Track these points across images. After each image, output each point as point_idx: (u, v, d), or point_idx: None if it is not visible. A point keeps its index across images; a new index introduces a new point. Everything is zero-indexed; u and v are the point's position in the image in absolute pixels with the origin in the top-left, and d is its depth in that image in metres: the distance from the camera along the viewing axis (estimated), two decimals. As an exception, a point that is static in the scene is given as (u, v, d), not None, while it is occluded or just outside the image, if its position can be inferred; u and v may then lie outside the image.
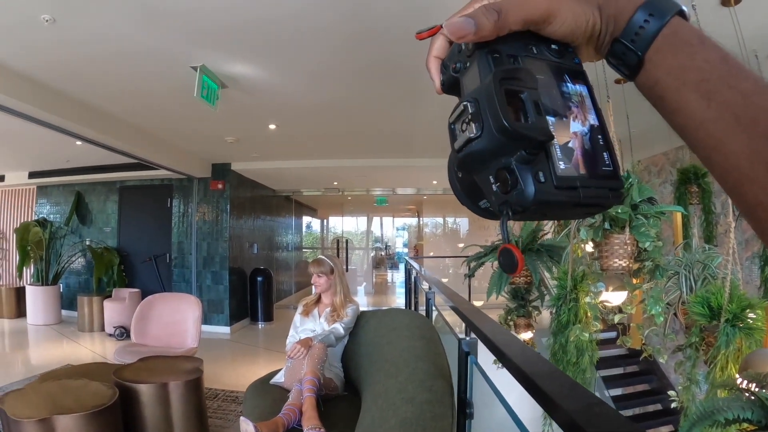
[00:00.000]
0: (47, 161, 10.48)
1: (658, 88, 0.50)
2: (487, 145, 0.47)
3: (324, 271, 4.09)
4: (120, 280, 10.60)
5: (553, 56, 0.53)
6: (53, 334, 9.64)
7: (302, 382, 3.33)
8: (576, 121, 0.51)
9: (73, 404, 3.38)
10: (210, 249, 10.35)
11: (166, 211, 10.71)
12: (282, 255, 14.89)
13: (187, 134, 7.99)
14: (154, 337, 6.03)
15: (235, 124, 7.30)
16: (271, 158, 10.03)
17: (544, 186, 0.46)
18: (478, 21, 0.49)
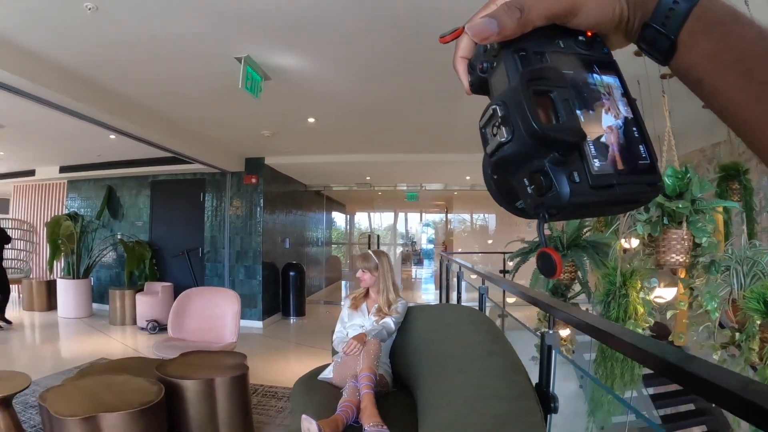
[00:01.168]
0: (79, 156, 10.44)
1: (694, 72, 0.48)
2: (518, 148, 0.46)
3: (369, 266, 4.04)
4: (152, 273, 10.53)
5: (581, 48, 0.52)
6: (85, 328, 9.57)
7: (358, 379, 3.24)
8: (608, 114, 0.50)
9: (118, 401, 3.23)
10: (243, 243, 10.26)
11: (199, 206, 10.63)
12: (312, 250, 14.77)
13: (224, 128, 7.87)
14: (191, 331, 5.92)
15: (274, 117, 7.15)
16: (305, 152, 9.87)
17: (579, 186, 0.45)
18: (500, 20, 0.49)
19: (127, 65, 5.10)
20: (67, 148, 9.65)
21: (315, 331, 10.18)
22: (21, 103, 6.00)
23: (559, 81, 0.47)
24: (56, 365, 6.73)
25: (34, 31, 4.30)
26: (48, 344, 8.42)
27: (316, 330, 10.36)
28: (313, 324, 10.98)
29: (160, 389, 3.49)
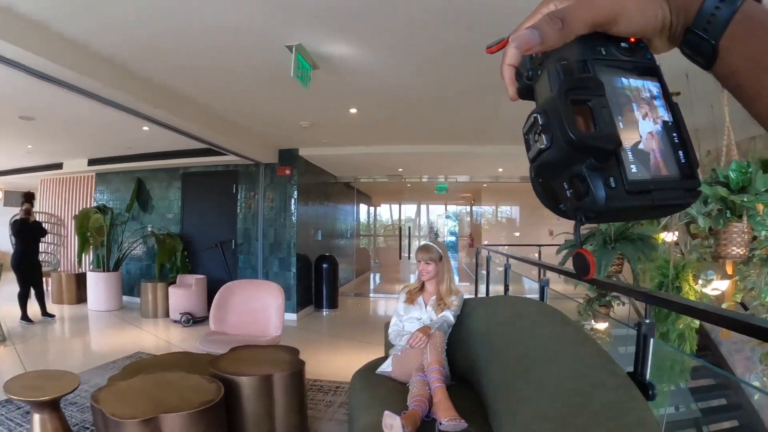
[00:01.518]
0: (108, 148, 10.38)
1: (735, 76, 0.48)
2: (557, 155, 0.48)
3: (433, 257, 3.95)
4: (183, 266, 10.42)
5: (623, 55, 0.52)
6: (116, 321, 9.49)
7: (427, 372, 3.21)
8: (647, 120, 0.50)
9: (177, 401, 3.07)
10: (277, 235, 10.15)
11: (231, 197, 10.51)
12: (341, 242, 14.65)
13: (263, 119, 7.74)
14: (233, 325, 5.78)
15: (316, 107, 6.97)
16: (340, 144, 9.73)
17: (615, 192, 0.47)
18: (542, 32, 0.49)
19: (172, 55, 4.98)
20: (97, 141, 9.56)
21: (348, 324, 10.14)
22: (54, 95, 5.98)
23: (598, 90, 0.48)
24: (93, 359, 6.60)
25: (78, 20, 4.18)
26: (82, 338, 8.34)
27: (350, 322, 10.34)
28: (346, 316, 10.86)
29: (219, 387, 3.34)
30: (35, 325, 8.53)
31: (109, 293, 10.42)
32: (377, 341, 8.16)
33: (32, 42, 4.14)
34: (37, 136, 8.99)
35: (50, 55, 4.32)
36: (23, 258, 8.70)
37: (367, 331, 9.25)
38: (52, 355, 7.05)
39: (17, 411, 4.69)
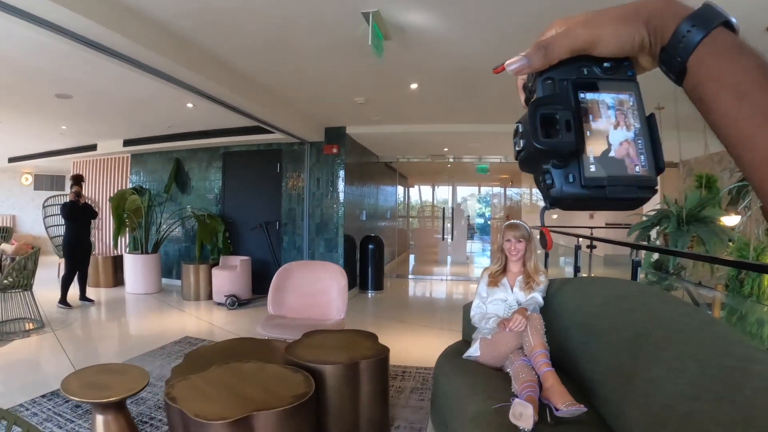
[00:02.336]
0: (145, 128, 10.18)
1: (697, 91, 0.54)
2: (528, 155, 0.59)
3: (524, 235, 3.81)
4: (225, 247, 10.15)
5: (604, 73, 0.60)
6: (157, 304, 9.24)
7: (531, 356, 3.08)
8: (619, 129, 0.58)
9: (263, 395, 2.73)
10: (324, 215, 9.86)
11: (275, 177, 10.22)
12: (382, 223, 14.37)
13: (315, 95, 7.48)
14: (292, 308, 5.47)
15: (375, 82, 6.72)
16: (391, 121, 9.39)
17: (572, 185, 0.57)
18: (529, 57, 0.60)
19: (236, 30, 4.86)
20: (135, 120, 9.35)
21: (397, 306, 9.88)
22: (97, 71, 5.91)
23: (564, 105, 0.57)
24: (140, 345, 6.28)
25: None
26: (125, 323, 8.05)
27: (398, 304, 10.10)
28: (392, 298, 10.58)
29: (307, 378, 3.00)
30: (73, 309, 8.26)
31: (148, 276, 10.17)
32: (432, 324, 7.94)
33: (93, 10, 3.86)
34: (73, 115, 8.79)
35: (112, 25, 4.06)
36: (75, 240, 8.48)
37: (417, 313, 9.00)
38: (95, 341, 6.73)
39: (65, 405, 4.32)
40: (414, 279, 13.52)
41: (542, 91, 0.60)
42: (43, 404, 4.32)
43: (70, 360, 5.57)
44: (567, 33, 0.59)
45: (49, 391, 4.60)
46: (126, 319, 8.26)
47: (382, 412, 3.74)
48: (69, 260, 8.46)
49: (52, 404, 4.32)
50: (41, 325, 6.96)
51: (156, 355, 5.82)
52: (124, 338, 6.96)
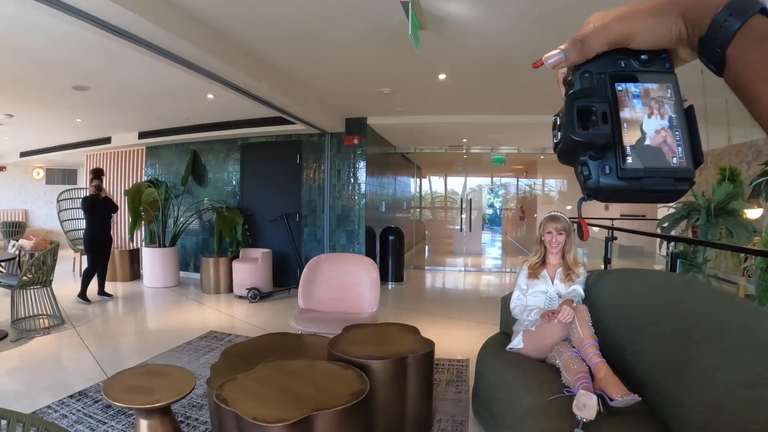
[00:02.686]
0: (161, 120, 10.08)
1: (738, 82, 0.53)
2: (566, 147, 0.61)
3: (565, 228, 3.87)
4: (244, 240, 10.05)
5: (641, 66, 0.61)
6: (177, 297, 9.17)
7: (581, 347, 3.14)
8: (654, 119, 0.58)
9: (317, 393, 2.63)
10: (345, 207, 9.79)
11: (295, 168, 10.12)
12: (399, 214, 14.30)
13: (340, 86, 7.40)
14: (323, 301, 5.39)
15: (404, 72, 6.60)
16: (414, 112, 9.28)
17: (609, 177, 0.58)
18: (566, 52, 0.61)
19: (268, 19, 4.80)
20: (152, 112, 9.26)
21: (419, 297, 9.82)
22: (116, 62, 5.89)
23: (600, 98, 0.59)
24: (165, 341, 6.19)
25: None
26: (146, 317, 7.95)
27: (420, 296, 10.04)
28: (413, 290, 10.48)
29: (360, 375, 2.90)
30: (92, 304, 8.18)
31: (166, 269, 10.09)
32: (459, 316, 7.85)
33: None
34: (89, 108, 8.71)
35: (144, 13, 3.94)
36: (96, 235, 8.42)
37: (441, 304, 8.93)
38: (118, 337, 6.63)
39: (95, 405, 4.20)
40: (432, 270, 13.41)
41: (580, 84, 0.61)
42: (72, 405, 4.19)
43: (95, 357, 5.48)
44: (603, 27, 0.60)
45: (77, 391, 4.49)
46: (147, 313, 8.17)
47: (427, 406, 3.68)
48: (91, 255, 8.39)
49: (81, 405, 4.20)
50: (61, 321, 6.85)
51: (183, 351, 5.72)
52: (148, 334, 6.86)
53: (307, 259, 9.56)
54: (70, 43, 5.19)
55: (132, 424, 3.82)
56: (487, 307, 8.40)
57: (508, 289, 10.59)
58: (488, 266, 14.54)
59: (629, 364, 3.01)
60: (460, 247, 16.87)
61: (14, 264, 7.40)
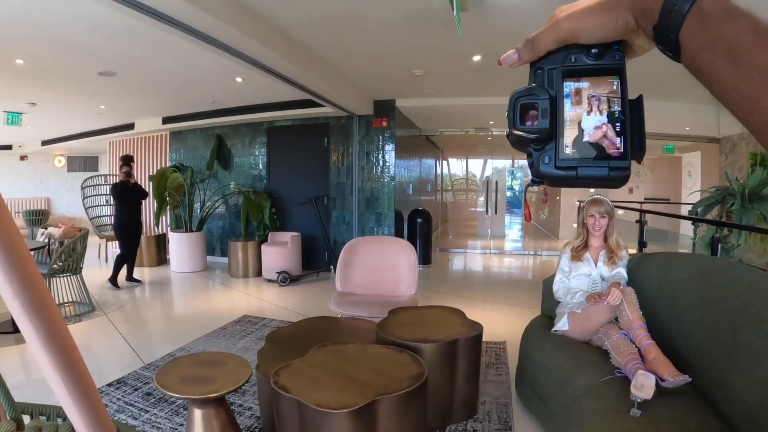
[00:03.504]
0: (186, 105, 10.05)
1: (696, 64, 0.53)
2: (513, 139, 0.65)
3: (607, 211, 3.85)
4: (272, 223, 10.04)
5: (591, 59, 0.62)
6: (204, 282, 9.19)
7: (630, 329, 3.17)
8: (593, 116, 0.61)
9: (376, 378, 2.57)
10: (374, 190, 9.72)
11: (323, 151, 10.05)
12: (424, 197, 14.21)
13: (373, 66, 7.28)
14: (359, 284, 5.30)
15: (440, 54, 6.53)
16: (444, 94, 9.22)
17: (547, 166, 0.62)
18: (519, 51, 0.65)
19: None
20: (178, 97, 9.22)
21: (449, 280, 9.78)
22: (145, 47, 5.86)
23: (541, 95, 0.62)
24: (199, 326, 6.18)
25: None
26: (177, 302, 7.97)
27: (448, 278, 10.01)
28: (441, 272, 10.45)
29: (415, 359, 2.84)
30: (121, 290, 8.22)
31: (193, 254, 10.11)
32: (493, 299, 7.83)
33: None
34: (114, 94, 8.70)
35: None
36: (126, 221, 8.44)
37: (471, 287, 8.87)
38: (151, 323, 6.62)
39: (135, 393, 4.19)
40: (458, 252, 13.35)
41: (533, 80, 0.64)
42: (111, 394, 4.17)
43: (129, 344, 5.47)
44: (552, 26, 0.62)
45: (115, 379, 4.47)
46: (177, 298, 8.18)
47: (474, 389, 3.63)
48: (123, 241, 8.43)
49: (121, 393, 4.18)
50: (92, 308, 6.87)
51: (219, 336, 5.70)
52: (180, 319, 6.83)
53: (336, 243, 9.61)
54: (99, 28, 5.15)
55: (175, 412, 3.81)
56: (517, 290, 8.37)
57: (535, 272, 10.63)
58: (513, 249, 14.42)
59: (675, 345, 3.03)
60: (484, 230, 16.79)
61: (44, 252, 7.39)
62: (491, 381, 4.46)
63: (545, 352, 3.57)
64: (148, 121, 11.59)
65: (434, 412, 3.26)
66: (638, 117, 0.62)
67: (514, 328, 5.82)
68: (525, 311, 6.63)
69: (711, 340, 2.71)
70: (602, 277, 3.77)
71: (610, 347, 3.15)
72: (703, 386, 2.70)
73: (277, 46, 5.42)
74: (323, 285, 8.70)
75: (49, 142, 15.30)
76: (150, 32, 4.79)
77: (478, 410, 3.84)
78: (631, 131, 0.61)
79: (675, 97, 8.28)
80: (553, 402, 3.33)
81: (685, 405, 2.59)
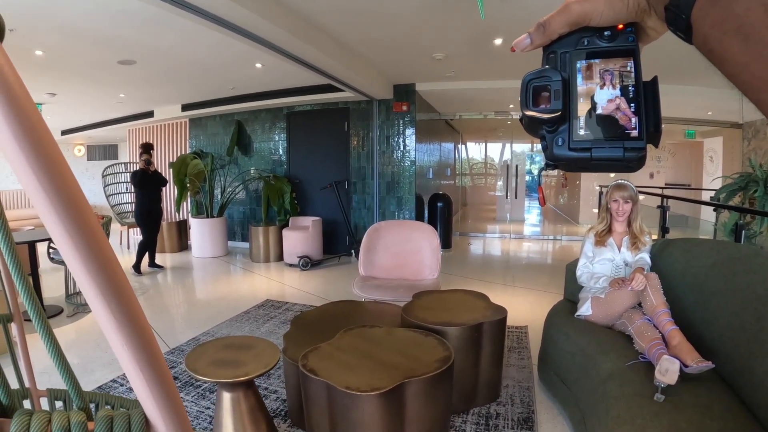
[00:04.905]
0: (206, 92, 10.08)
1: (707, 45, 0.52)
2: (524, 122, 0.64)
3: (631, 196, 3.83)
4: (293, 208, 10.09)
5: (603, 42, 0.62)
6: (226, 267, 9.26)
7: (653, 315, 3.18)
8: (606, 89, 0.60)
9: (404, 360, 2.60)
10: (394, 174, 9.71)
11: (343, 136, 10.03)
12: (443, 181, 14.16)
13: (394, 50, 7.25)
14: (383, 268, 5.33)
15: (462, 37, 6.48)
16: (464, 78, 9.15)
17: (561, 148, 0.61)
18: (531, 36, 0.63)
19: None
20: (198, 85, 9.25)
21: (468, 264, 9.76)
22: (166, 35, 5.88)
23: (554, 77, 0.61)
24: (223, 311, 6.25)
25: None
26: (200, 288, 7.99)
27: (469, 262, 9.98)
28: (461, 256, 10.44)
29: (441, 342, 2.86)
30: (143, 276, 8.32)
31: (215, 239, 10.19)
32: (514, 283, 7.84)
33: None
34: (133, 82, 8.76)
35: None
36: (147, 209, 8.50)
37: (492, 271, 8.84)
38: (174, 309, 6.68)
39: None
40: (477, 237, 13.31)
41: (545, 64, 0.63)
42: (138, 379, 4.22)
43: (154, 329, 5.52)
44: (563, 9, 0.61)
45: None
46: (199, 284, 8.22)
47: (497, 373, 3.68)
48: (145, 228, 8.51)
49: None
50: (114, 295, 6.91)
51: (243, 320, 5.75)
52: (204, 304, 6.86)
53: (357, 227, 9.63)
54: (119, 16, 5.17)
55: (201, 395, 3.85)
56: (537, 275, 8.34)
57: (555, 257, 10.60)
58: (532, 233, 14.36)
59: (699, 331, 3.04)
60: (503, 214, 16.74)
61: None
62: (513, 365, 4.46)
63: (569, 337, 3.57)
64: (167, 108, 11.65)
65: (458, 395, 3.30)
66: (653, 98, 0.61)
67: (536, 313, 5.81)
68: (546, 296, 6.61)
69: (735, 326, 2.72)
70: (626, 262, 3.76)
71: (633, 332, 3.16)
72: (726, 372, 2.70)
73: (298, 30, 5.40)
74: (344, 269, 8.73)
75: (68, 131, 15.42)
76: (171, 20, 4.82)
77: (501, 394, 3.85)
78: (645, 112, 0.60)
79: (697, 82, 8.19)
80: (577, 386, 3.34)
81: (709, 391, 2.59)
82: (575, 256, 4.03)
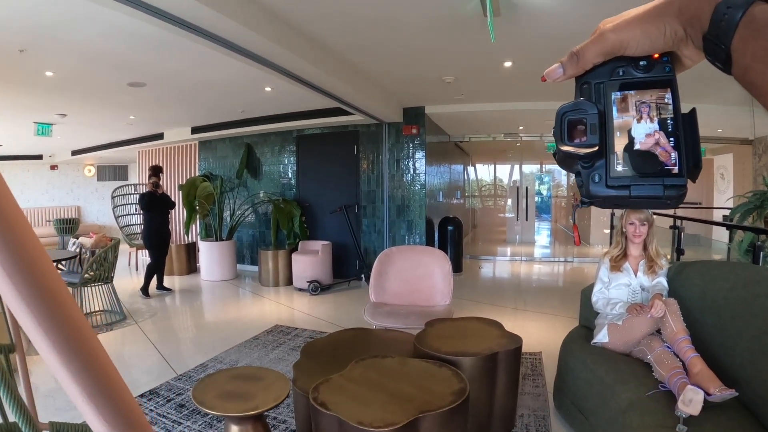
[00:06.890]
0: (216, 114, 10.12)
1: (748, 76, 0.50)
2: (560, 156, 0.61)
3: (648, 218, 3.77)
4: (302, 232, 10.04)
5: (639, 72, 0.59)
6: (235, 291, 9.19)
7: (673, 342, 3.10)
8: (643, 123, 0.58)
9: (417, 392, 2.52)
10: (404, 197, 9.66)
11: (352, 159, 10.01)
12: (453, 203, 14.11)
13: (403, 73, 7.23)
14: (394, 294, 5.25)
15: (471, 60, 6.47)
16: (472, 101, 9.13)
17: (598, 185, 0.58)
18: (564, 66, 0.61)
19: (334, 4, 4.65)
20: (207, 107, 9.29)
21: (479, 288, 9.66)
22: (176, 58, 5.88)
23: (590, 110, 0.58)
24: (231, 336, 6.16)
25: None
26: (208, 312, 7.94)
27: (480, 286, 9.89)
28: (472, 280, 10.32)
29: (456, 373, 2.78)
30: (152, 299, 8.28)
31: (224, 262, 10.15)
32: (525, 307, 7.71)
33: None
34: (143, 104, 8.80)
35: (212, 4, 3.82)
36: (155, 231, 8.51)
37: (503, 295, 8.76)
38: (182, 333, 6.63)
39: (168, 405, 4.15)
40: (488, 260, 13.19)
41: (579, 95, 0.61)
42: (144, 405, 4.14)
43: (161, 354, 5.47)
44: (598, 39, 0.59)
45: (148, 389, 4.46)
46: (208, 307, 8.17)
47: (512, 402, 3.59)
48: (153, 250, 8.50)
49: (154, 404, 4.15)
50: (123, 317, 6.91)
51: (251, 346, 5.67)
52: (212, 328, 6.78)
53: (367, 251, 9.57)
54: (130, 39, 5.18)
55: (209, 424, 3.77)
56: (549, 298, 8.24)
57: (567, 280, 10.50)
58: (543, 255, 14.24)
59: (718, 356, 2.97)
60: (513, 236, 16.66)
61: (75, 262, 7.44)
62: (528, 393, 4.37)
63: (586, 365, 3.49)
64: (176, 130, 11.71)
65: (472, 426, 3.20)
66: (692, 132, 0.58)
67: (550, 338, 5.71)
68: (559, 320, 6.51)
69: (756, 350, 2.66)
70: (642, 287, 3.69)
71: (653, 360, 3.07)
72: (748, 399, 2.64)
73: (307, 53, 5.39)
74: (354, 294, 8.66)
75: (79, 152, 15.52)
76: (181, 43, 4.81)
77: (516, 423, 3.75)
78: (685, 147, 0.58)
79: (707, 99, 8.13)
80: (595, 416, 3.26)
81: (731, 420, 2.53)
82: (587, 278, 3.96)
